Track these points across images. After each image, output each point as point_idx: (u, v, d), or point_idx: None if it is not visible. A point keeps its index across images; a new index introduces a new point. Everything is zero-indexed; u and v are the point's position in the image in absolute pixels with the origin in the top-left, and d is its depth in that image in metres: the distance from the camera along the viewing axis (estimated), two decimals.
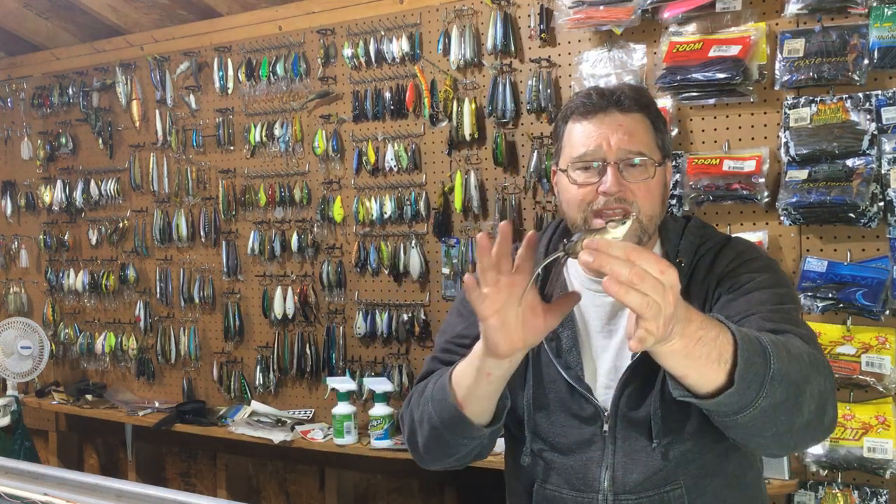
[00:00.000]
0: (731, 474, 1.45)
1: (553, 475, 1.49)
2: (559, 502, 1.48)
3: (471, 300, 1.22)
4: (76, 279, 4.12)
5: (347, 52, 3.26)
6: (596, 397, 1.46)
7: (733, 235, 1.60)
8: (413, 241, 3.15)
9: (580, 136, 1.46)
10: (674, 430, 1.41)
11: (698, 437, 1.41)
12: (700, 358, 1.11)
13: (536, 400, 1.50)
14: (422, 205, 3.12)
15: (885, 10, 2.26)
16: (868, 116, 2.30)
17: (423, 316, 3.15)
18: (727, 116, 2.54)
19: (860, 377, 2.28)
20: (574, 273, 1.55)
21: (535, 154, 2.84)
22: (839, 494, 2.35)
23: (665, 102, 2.56)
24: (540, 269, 1.21)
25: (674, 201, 2.55)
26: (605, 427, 1.45)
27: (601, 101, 1.45)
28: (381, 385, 3.09)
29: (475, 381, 1.33)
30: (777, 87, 2.42)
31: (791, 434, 1.23)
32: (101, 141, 4.05)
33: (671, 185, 2.51)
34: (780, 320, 1.32)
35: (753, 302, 1.37)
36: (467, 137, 2.99)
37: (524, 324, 1.23)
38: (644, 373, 1.43)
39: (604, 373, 1.49)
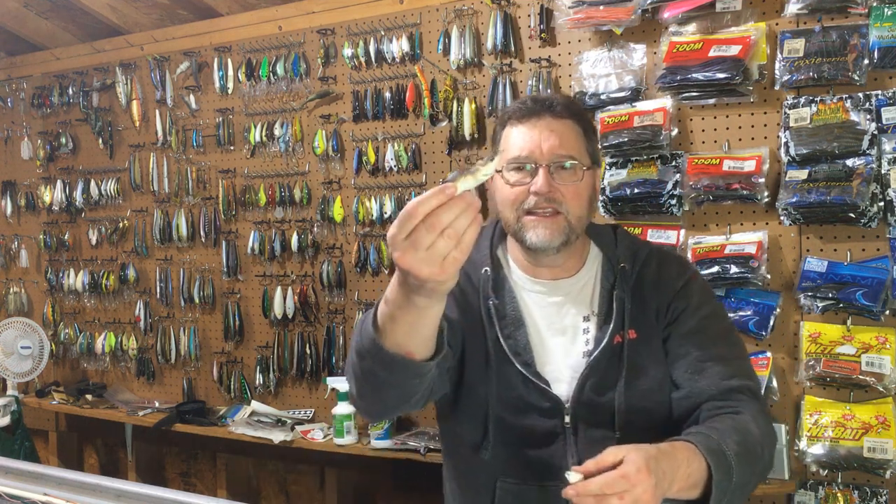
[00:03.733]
0: None
1: (518, 469, 1.55)
2: (525, 495, 1.54)
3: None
4: (76, 279, 4.12)
5: (347, 52, 3.26)
6: (554, 391, 1.53)
7: (654, 244, 1.75)
8: None
9: (515, 139, 1.55)
10: (635, 421, 1.51)
11: (655, 425, 1.51)
12: (689, 487, 1.31)
13: (499, 395, 1.56)
14: None
15: (885, 10, 2.26)
16: (868, 116, 2.30)
17: None
18: (727, 116, 2.54)
19: (860, 377, 2.28)
20: (517, 277, 1.62)
21: None
22: (839, 494, 2.35)
23: (665, 102, 2.56)
24: None
25: (674, 201, 2.55)
26: (567, 419, 1.52)
27: (535, 107, 1.55)
28: None
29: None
30: (777, 87, 2.42)
31: (745, 496, 1.45)
32: (101, 141, 4.05)
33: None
34: (733, 373, 1.51)
35: (710, 341, 1.54)
36: (467, 137, 2.99)
37: None
38: (603, 368, 1.53)
39: (558, 368, 1.56)
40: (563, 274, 1.61)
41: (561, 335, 1.58)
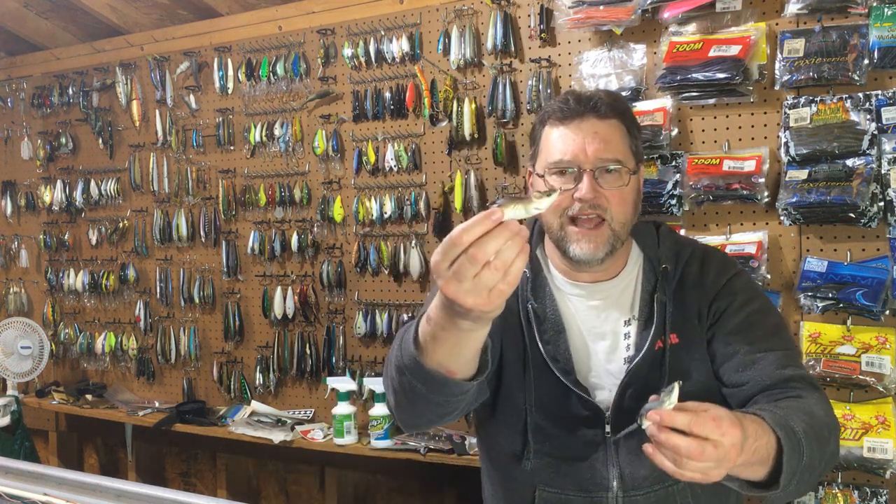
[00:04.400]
0: None
1: (558, 479, 1.51)
2: None
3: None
4: (76, 279, 4.12)
5: (347, 52, 3.26)
6: (596, 399, 1.48)
7: (700, 242, 1.69)
8: (413, 241, 3.15)
9: (557, 141, 1.49)
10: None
11: None
12: (753, 463, 1.21)
13: (538, 403, 1.51)
14: (422, 205, 3.12)
15: (885, 10, 2.26)
16: (868, 116, 2.30)
17: None
18: (727, 116, 2.54)
19: (860, 377, 2.28)
20: (558, 281, 1.58)
21: None
22: (839, 494, 2.34)
23: (665, 102, 2.56)
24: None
25: (674, 201, 2.55)
26: (608, 428, 1.47)
27: (578, 107, 1.48)
28: (380, 385, 3.08)
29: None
30: (777, 87, 2.41)
31: (809, 486, 1.40)
32: (101, 141, 4.05)
33: (665, 186, 2.53)
34: (787, 363, 1.43)
35: (760, 337, 1.47)
36: (467, 137, 2.98)
37: None
38: (643, 374, 1.47)
39: (599, 375, 1.51)
40: (603, 277, 1.55)
41: (601, 340, 1.53)
